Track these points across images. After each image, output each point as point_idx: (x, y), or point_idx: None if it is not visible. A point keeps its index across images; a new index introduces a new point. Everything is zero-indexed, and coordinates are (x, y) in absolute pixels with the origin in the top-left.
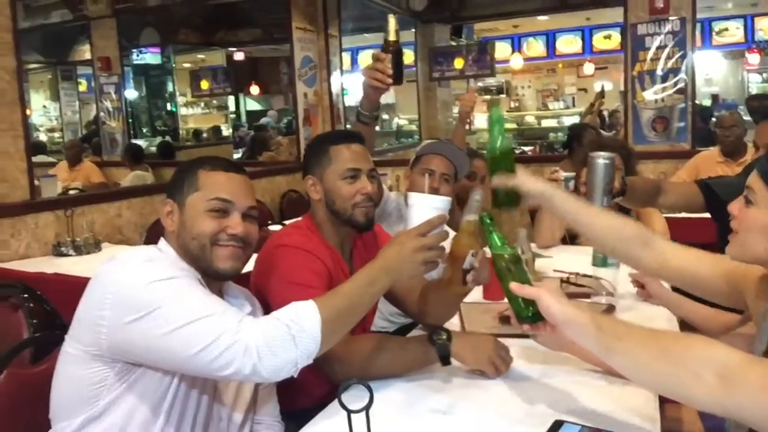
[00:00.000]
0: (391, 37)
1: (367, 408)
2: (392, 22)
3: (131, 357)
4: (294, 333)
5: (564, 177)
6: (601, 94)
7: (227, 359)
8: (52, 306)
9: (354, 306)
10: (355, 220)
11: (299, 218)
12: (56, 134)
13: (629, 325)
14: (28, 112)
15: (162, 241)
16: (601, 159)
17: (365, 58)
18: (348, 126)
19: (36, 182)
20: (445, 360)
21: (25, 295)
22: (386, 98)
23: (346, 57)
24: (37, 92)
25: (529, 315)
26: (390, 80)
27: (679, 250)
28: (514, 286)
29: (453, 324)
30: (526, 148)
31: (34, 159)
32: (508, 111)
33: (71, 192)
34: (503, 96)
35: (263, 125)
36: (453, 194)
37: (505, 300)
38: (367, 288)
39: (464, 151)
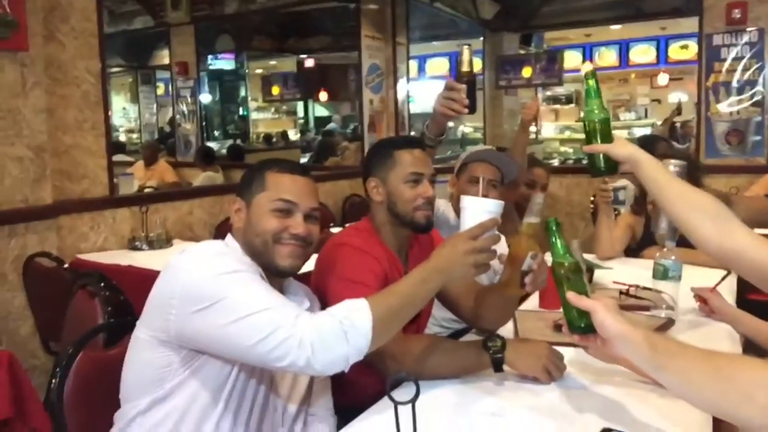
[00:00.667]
0: (465, 68)
1: (413, 401)
2: (466, 53)
3: (195, 344)
4: (346, 329)
5: (613, 187)
6: (678, 110)
7: (283, 351)
8: (125, 295)
9: (406, 305)
10: (416, 222)
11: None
12: (134, 135)
13: (683, 345)
14: (109, 113)
15: (229, 237)
16: (671, 167)
17: (433, 65)
18: (413, 133)
19: (115, 180)
20: (498, 366)
21: (101, 284)
22: None
23: (414, 64)
24: (118, 94)
25: (582, 326)
26: (465, 110)
27: (751, 234)
28: (571, 295)
29: (507, 330)
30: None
31: (114, 158)
32: (577, 121)
33: (147, 190)
34: (572, 105)
35: (330, 131)
36: (501, 199)
37: (561, 309)
38: (419, 287)
39: (509, 156)
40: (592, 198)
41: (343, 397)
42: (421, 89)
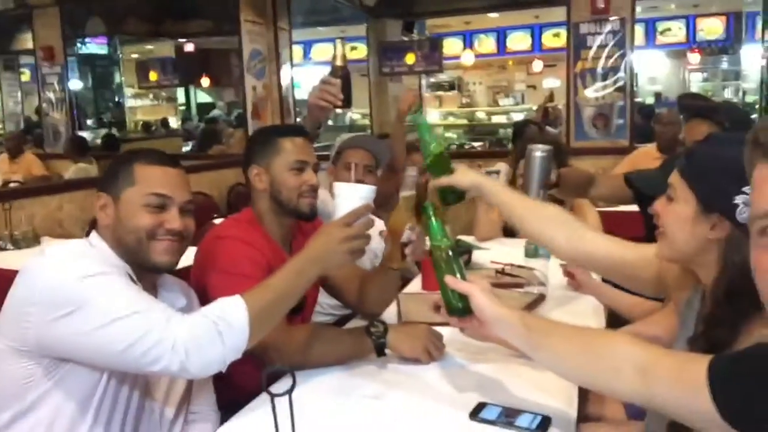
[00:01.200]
0: (339, 63)
1: (289, 392)
2: (340, 47)
3: (59, 353)
4: (221, 329)
5: (486, 171)
6: (551, 98)
7: (155, 356)
8: None
9: (282, 298)
10: (300, 209)
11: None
12: None
13: (555, 323)
14: None
15: (93, 235)
16: (538, 152)
17: (318, 51)
18: (299, 120)
19: None
20: (381, 351)
21: None
22: None
23: (298, 50)
24: None
25: (459, 308)
26: (339, 103)
27: (599, 236)
28: (449, 279)
29: (391, 315)
30: (476, 144)
31: None
32: (459, 107)
33: (11, 185)
34: (454, 92)
35: (214, 118)
36: (382, 187)
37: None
38: (295, 279)
39: (383, 141)
40: None
41: (227, 392)
42: (307, 75)
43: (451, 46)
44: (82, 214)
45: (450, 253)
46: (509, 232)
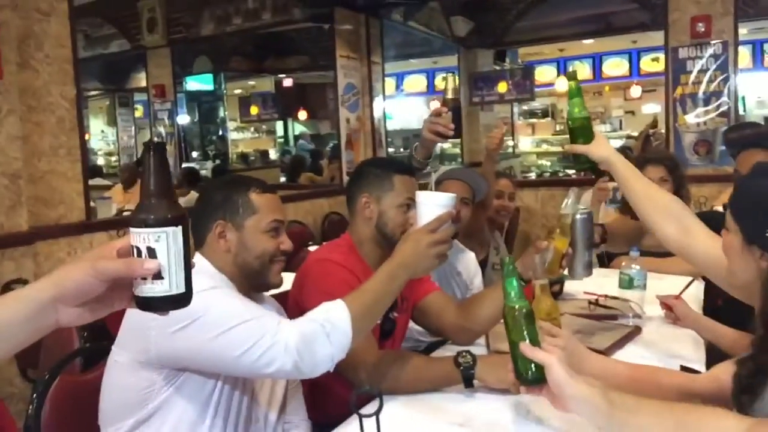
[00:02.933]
0: (449, 95)
1: (377, 413)
2: (450, 81)
3: (178, 363)
4: (328, 331)
5: (612, 187)
6: (654, 123)
7: (270, 358)
8: (102, 319)
9: (378, 301)
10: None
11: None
12: (113, 158)
13: (640, 400)
14: (87, 137)
15: (197, 256)
16: (578, 215)
17: (410, 82)
18: (390, 150)
19: (92, 204)
20: (468, 382)
21: None
22: None
23: (391, 82)
24: (96, 118)
25: (532, 378)
26: (451, 133)
27: (704, 232)
28: (524, 347)
29: (480, 348)
30: (570, 172)
31: (92, 182)
32: (553, 134)
33: (125, 213)
34: (548, 119)
35: (301, 148)
36: (473, 218)
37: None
38: (389, 283)
39: (481, 175)
40: None
41: (318, 413)
42: (399, 106)
43: (545, 73)
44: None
45: (526, 315)
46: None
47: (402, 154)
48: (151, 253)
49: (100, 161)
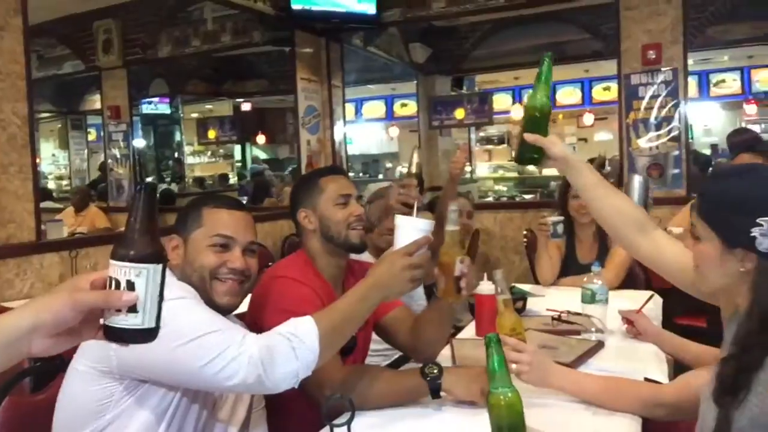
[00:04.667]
0: (414, 170)
1: (348, 422)
2: (416, 156)
3: (140, 373)
4: (294, 345)
5: (552, 221)
6: (602, 162)
7: (233, 370)
8: None
9: (348, 320)
10: (351, 242)
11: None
12: (64, 182)
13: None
14: (37, 160)
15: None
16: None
17: (370, 108)
18: (350, 174)
19: (43, 226)
20: (436, 393)
21: None
22: (389, 147)
23: (351, 107)
24: (47, 141)
25: None
26: (419, 203)
27: (672, 242)
28: None
29: (445, 359)
30: (526, 196)
31: (42, 204)
32: (509, 160)
33: (76, 235)
34: (504, 146)
35: (260, 172)
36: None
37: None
38: (360, 304)
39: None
40: (525, 232)
41: (282, 429)
42: (359, 131)
43: (501, 101)
44: None
45: (513, 402)
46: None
47: (362, 179)
48: (130, 286)
49: (51, 185)
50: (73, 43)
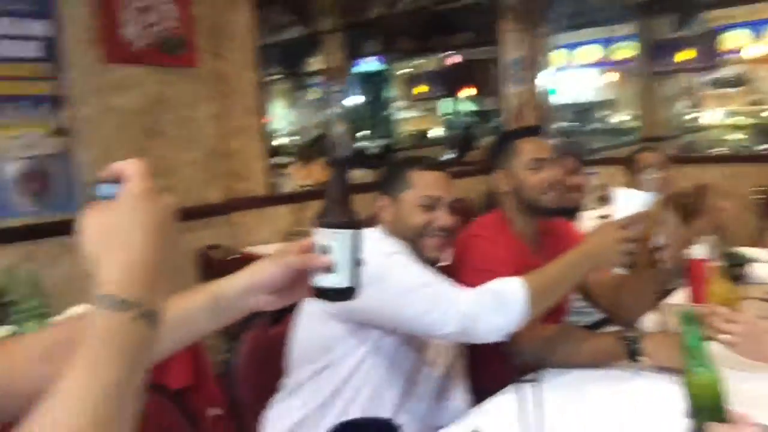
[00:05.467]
0: None
1: (538, 381)
2: None
3: (361, 317)
4: (501, 301)
5: None
6: None
7: (444, 322)
8: None
9: (556, 285)
10: (545, 205)
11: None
12: (291, 138)
13: None
14: (269, 118)
15: (373, 230)
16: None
17: (583, 53)
18: (555, 125)
19: (274, 180)
20: (634, 356)
21: None
22: (604, 94)
23: (562, 53)
24: (277, 101)
25: None
26: None
27: None
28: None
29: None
30: (761, 147)
31: (273, 160)
32: (746, 105)
33: (303, 188)
34: (740, 88)
35: (466, 125)
36: None
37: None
38: (569, 271)
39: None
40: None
41: (478, 384)
42: (570, 79)
43: (735, 38)
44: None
45: (711, 383)
46: None
47: (572, 128)
48: (328, 250)
49: (281, 141)
50: (297, 9)
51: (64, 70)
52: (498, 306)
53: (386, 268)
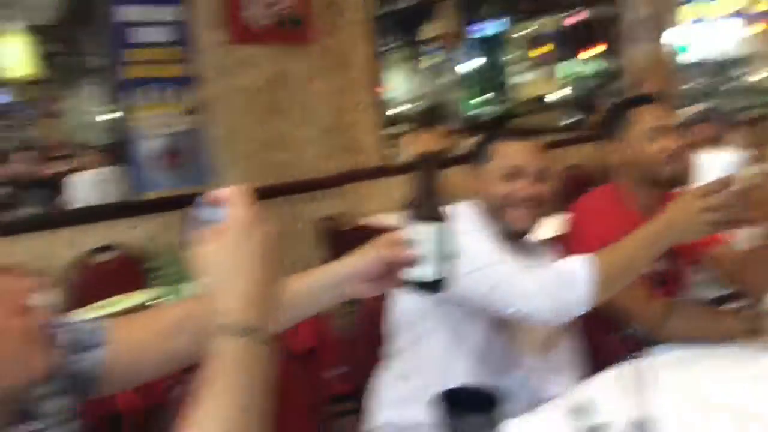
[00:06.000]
0: None
1: (644, 355)
2: None
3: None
4: (568, 281)
5: None
6: None
7: (508, 301)
8: None
9: (633, 260)
10: (663, 177)
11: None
12: (406, 107)
13: None
14: (384, 89)
15: (466, 204)
16: None
17: (719, 5)
18: (691, 84)
19: (388, 150)
20: (755, 332)
21: None
22: (743, 50)
23: (695, 6)
24: (391, 70)
25: None
26: None
27: None
28: None
29: None
30: None
31: (390, 130)
32: None
33: (417, 157)
34: None
35: (589, 89)
36: None
37: None
38: (646, 246)
39: None
40: None
41: (590, 359)
42: (704, 34)
43: None
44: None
45: None
46: None
47: (701, 89)
48: (415, 244)
49: (396, 110)
50: None
51: (193, 52)
52: (561, 286)
53: (461, 245)
